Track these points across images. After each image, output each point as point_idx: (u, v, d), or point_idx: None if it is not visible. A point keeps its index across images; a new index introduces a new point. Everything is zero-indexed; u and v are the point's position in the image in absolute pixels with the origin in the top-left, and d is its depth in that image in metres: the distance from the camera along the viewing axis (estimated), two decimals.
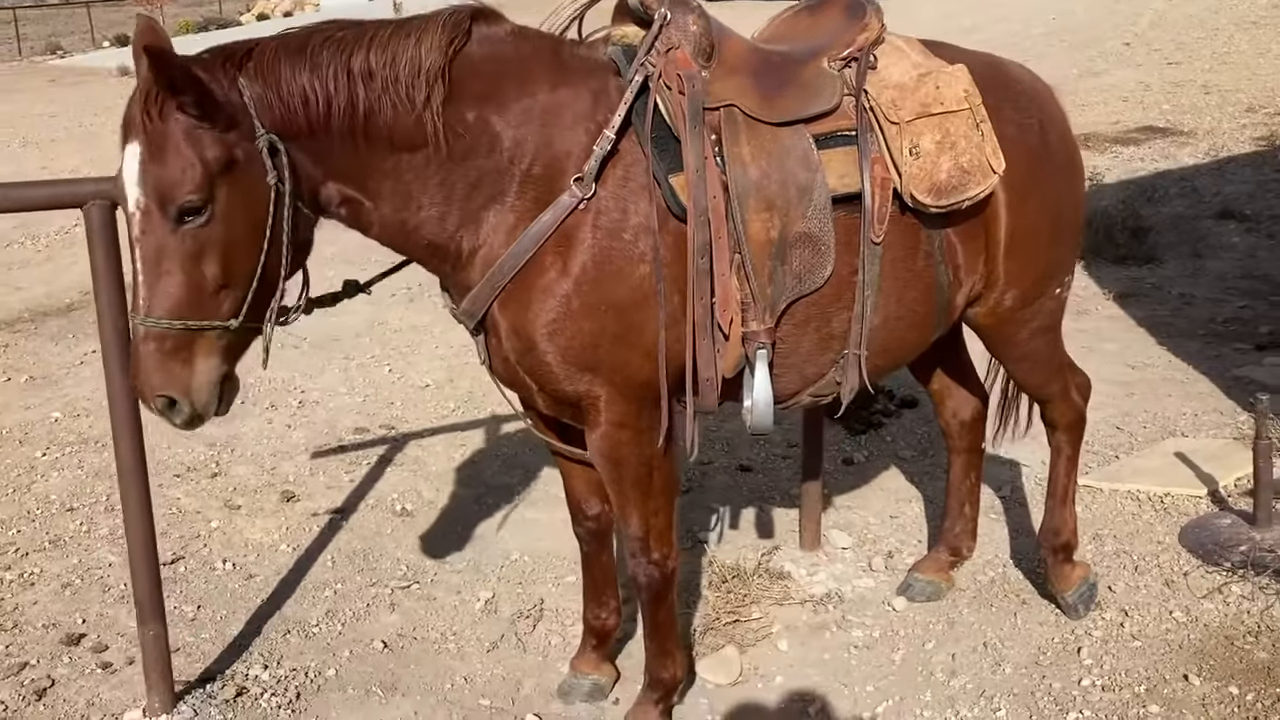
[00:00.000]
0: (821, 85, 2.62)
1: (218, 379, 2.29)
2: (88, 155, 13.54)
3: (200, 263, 2.20)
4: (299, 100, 2.26)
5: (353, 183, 2.37)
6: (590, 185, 2.41)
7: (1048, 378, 3.24)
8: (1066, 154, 3.05)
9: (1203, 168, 9.08)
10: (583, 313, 2.45)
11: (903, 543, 3.89)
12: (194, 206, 2.17)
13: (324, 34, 2.33)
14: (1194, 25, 16.95)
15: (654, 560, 2.75)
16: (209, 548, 3.98)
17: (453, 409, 5.19)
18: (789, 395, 2.76)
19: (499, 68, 2.42)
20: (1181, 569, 3.58)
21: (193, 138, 2.17)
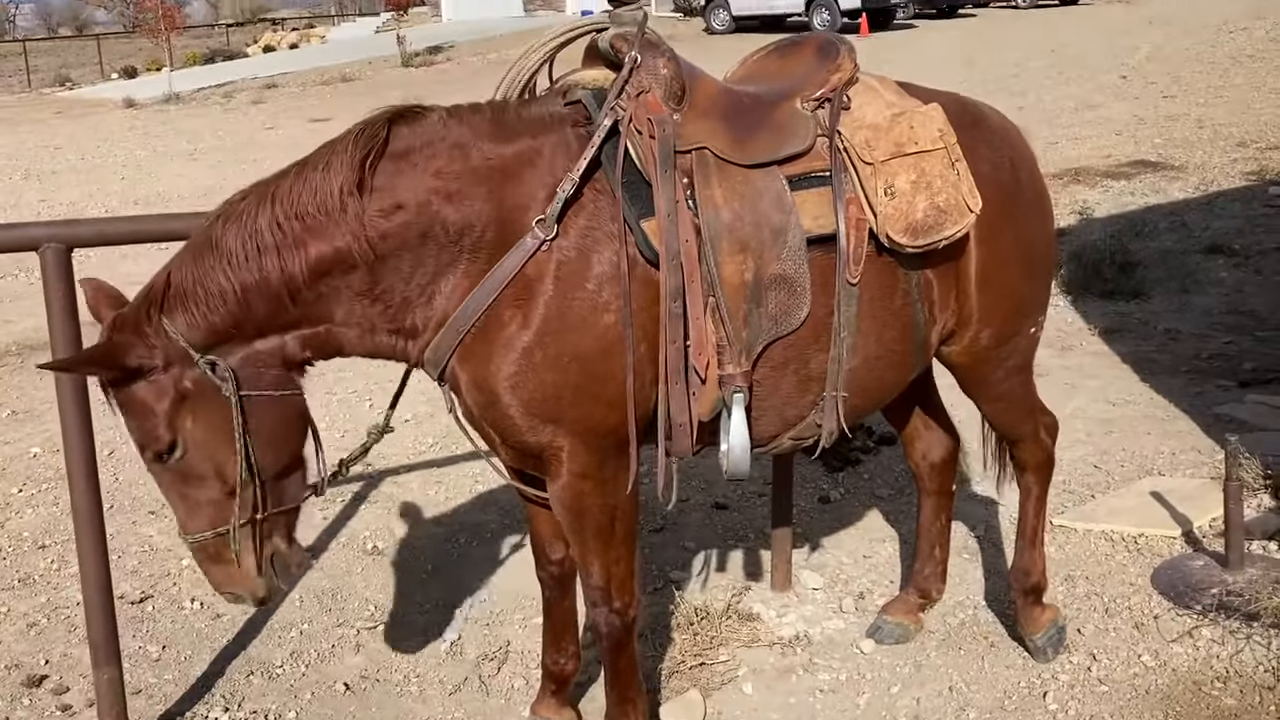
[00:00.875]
0: (794, 126, 2.61)
1: (264, 564, 2.50)
2: (88, 189, 13.66)
3: (199, 484, 2.41)
4: (225, 303, 2.36)
5: (308, 323, 2.43)
6: (552, 227, 2.38)
7: (1020, 418, 3.23)
8: (1036, 192, 3.05)
9: (1192, 202, 9.09)
10: (545, 364, 2.42)
11: (875, 583, 3.86)
12: (165, 448, 2.37)
13: (225, 216, 2.39)
14: (1191, 59, 17.08)
15: (615, 609, 2.72)
16: (178, 586, 3.96)
17: (430, 444, 5.18)
18: (769, 439, 2.74)
19: (428, 156, 2.41)
20: (1152, 612, 3.54)
21: (141, 394, 2.35)
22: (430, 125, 2.45)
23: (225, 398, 2.36)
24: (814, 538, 4.19)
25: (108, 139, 19.41)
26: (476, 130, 2.46)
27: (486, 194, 2.41)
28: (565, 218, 2.40)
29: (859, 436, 4.97)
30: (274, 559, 2.51)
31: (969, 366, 3.04)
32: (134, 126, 21.48)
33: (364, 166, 2.35)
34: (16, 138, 20.33)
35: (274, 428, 2.44)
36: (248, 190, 2.43)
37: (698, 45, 25.86)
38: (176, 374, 2.35)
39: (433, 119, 2.46)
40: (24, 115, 25.62)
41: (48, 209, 12.36)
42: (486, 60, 28.24)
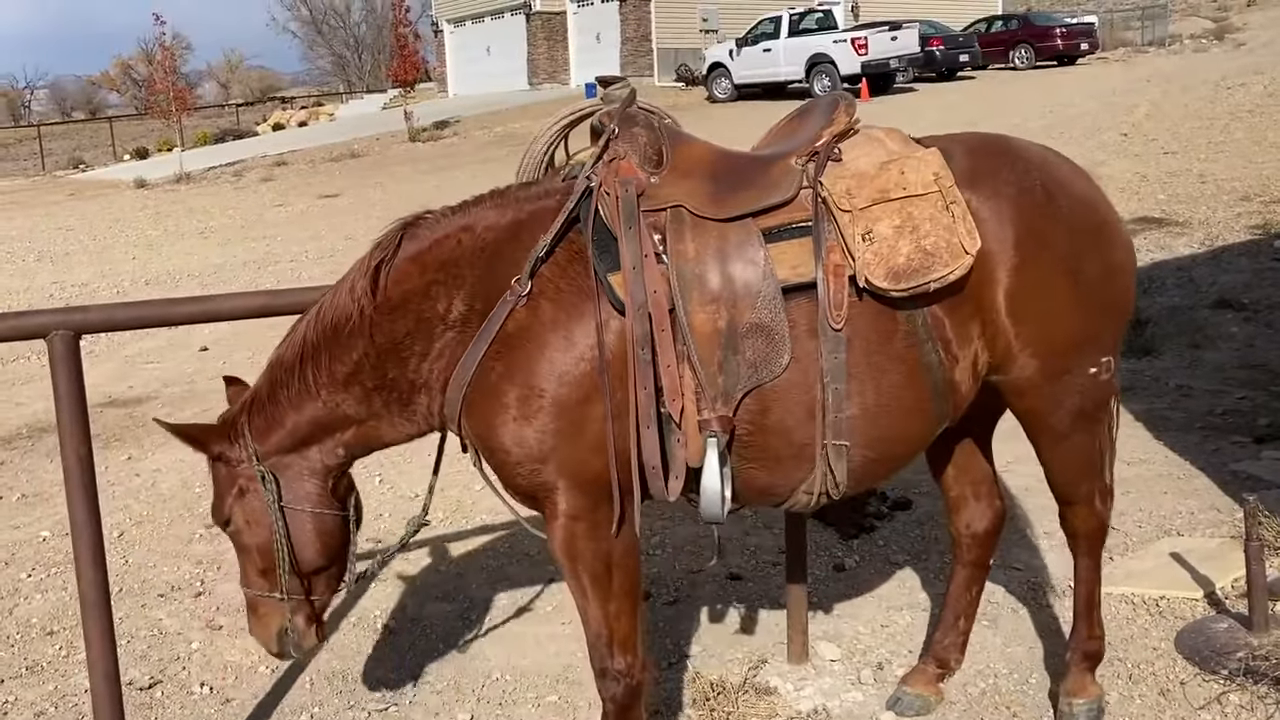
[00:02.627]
0: (779, 181, 2.68)
1: (280, 632, 2.93)
2: (100, 269, 13.80)
3: (246, 555, 2.91)
4: (280, 414, 2.80)
5: (339, 428, 2.81)
6: (526, 283, 2.58)
7: (1079, 476, 3.10)
8: (1088, 221, 2.88)
9: (1199, 257, 9.10)
10: (531, 411, 2.59)
11: (893, 653, 3.80)
12: (222, 523, 2.92)
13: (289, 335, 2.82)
14: (1190, 115, 17.22)
15: (618, 670, 2.72)
16: (188, 670, 3.91)
17: (441, 519, 5.14)
18: (778, 489, 2.75)
19: (431, 250, 2.69)
20: (1178, 677, 3.47)
21: (218, 475, 2.90)
22: (436, 223, 2.75)
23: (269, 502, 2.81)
24: (830, 607, 4.13)
25: (119, 219, 19.66)
26: (476, 216, 2.72)
27: (481, 272, 2.64)
28: (542, 276, 2.61)
29: (872, 502, 4.93)
30: (288, 632, 2.93)
31: (1021, 405, 2.96)
32: (145, 206, 21.77)
33: (377, 272, 2.68)
34: (30, 220, 20.61)
35: (306, 536, 2.85)
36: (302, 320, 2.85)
37: (700, 114, 26.21)
38: (243, 470, 2.84)
39: (437, 216, 2.76)
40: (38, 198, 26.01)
41: (60, 290, 12.49)
42: (492, 133, 28.64)
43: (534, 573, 4.50)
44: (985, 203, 2.74)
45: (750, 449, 2.65)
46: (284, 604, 2.88)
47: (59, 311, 2.78)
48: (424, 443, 6.20)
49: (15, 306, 11.55)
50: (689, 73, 33.20)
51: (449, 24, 43.18)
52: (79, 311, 2.92)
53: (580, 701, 3.56)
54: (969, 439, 3.33)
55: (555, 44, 38.80)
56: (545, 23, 38.65)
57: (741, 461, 2.67)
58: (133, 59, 66.53)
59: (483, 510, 5.18)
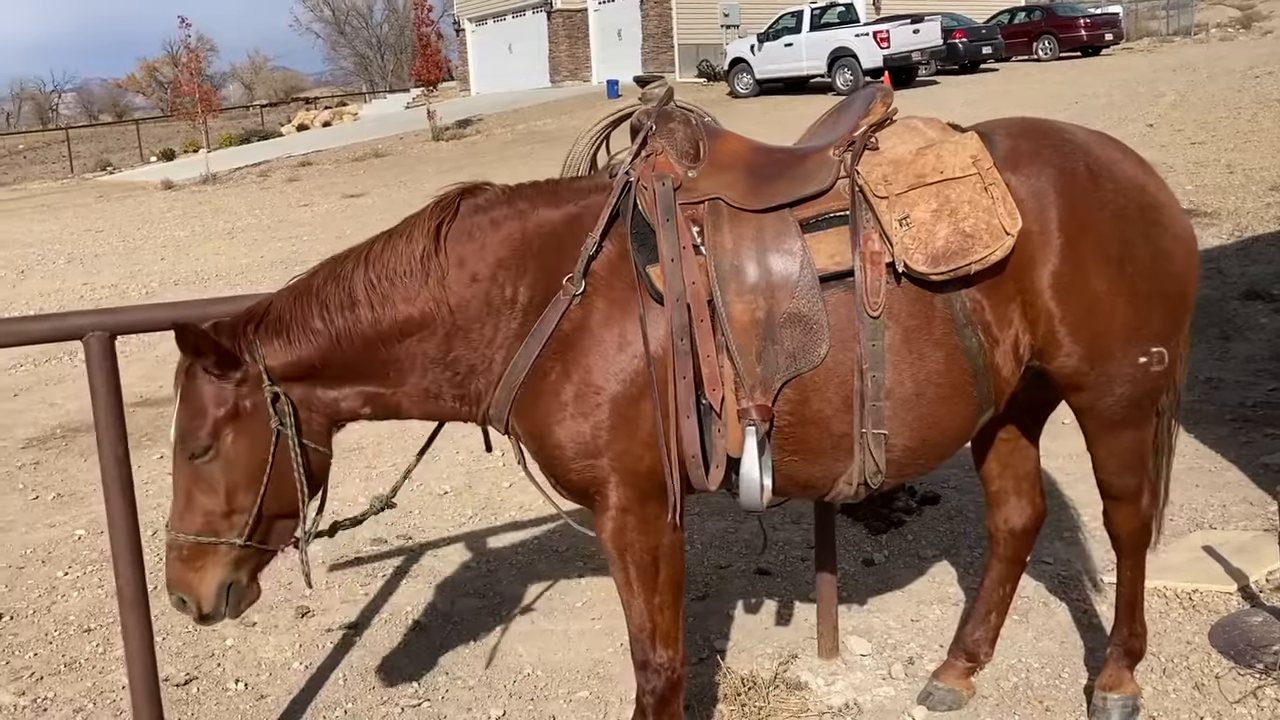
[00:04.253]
0: (816, 172, 2.71)
1: (223, 586, 2.66)
2: (129, 270, 13.92)
3: (209, 490, 2.62)
4: (314, 342, 2.64)
5: (374, 380, 2.69)
6: (579, 282, 2.59)
7: (1125, 468, 3.05)
8: (1134, 202, 2.82)
9: (1228, 248, 9.02)
10: (585, 404, 2.60)
11: (924, 648, 3.79)
12: (202, 448, 2.60)
13: (325, 272, 2.71)
14: (1217, 105, 17.04)
15: (660, 663, 2.74)
16: (222, 667, 3.96)
17: (470, 516, 5.17)
18: (821, 483, 2.76)
19: (494, 229, 2.67)
20: (1213, 671, 3.45)
21: (209, 391, 2.60)
22: (494, 199, 2.73)
23: (270, 430, 2.60)
24: (860, 602, 4.12)
25: (147, 221, 19.83)
26: (533, 201, 2.72)
27: (540, 262, 2.64)
28: (593, 273, 2.62)
29: (901, 496, 4.92)
30: (231, 588, 2.69)
31: (1068, 393, 2.93)
32: (173, 208, 21.95)
33: (438, 235, 2.64)
34: (60, 222, 20.82)
35: (293, 475, 2.64)
36: (342, 254, 2.73)
37: (722, 109, 26.15)
38: (242, 391, 2.60)
39: (496, 193, 2.75)
40: (67, 200, 26.27)
41: (90, 291, 12.61)
42: (515, 132, 28.70)
43: (564, 569, 4.52)
44: (1025, 184, 2.72)
45: (790, 440, 2.67)
46: (235, 553, 2.63)
47: (95, 313, 2.82)
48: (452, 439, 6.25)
49: (47, 308, 11.68)
50: (710, 68, 33.14)
51: (471, 23, 43.30)
52: (115, 312, 2.97)
53: (611, 697, 3.58)
54: (1015, 433, 3.31)
55: (577, 41, 38.82)
56: (566, 20, 38.68)
57: (782, 453, 2.68)
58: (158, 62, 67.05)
59: (512, 507, 5.20)
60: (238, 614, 2.74)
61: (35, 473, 6.29)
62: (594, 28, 38.57)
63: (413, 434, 6.38)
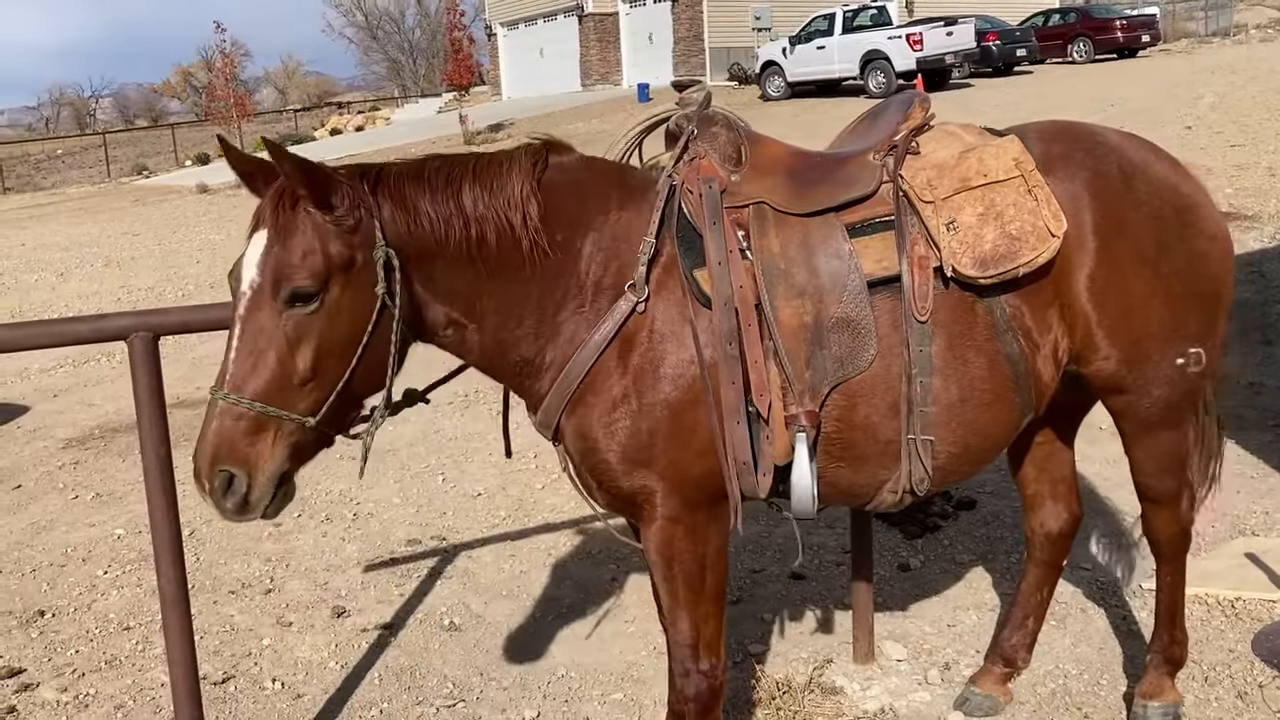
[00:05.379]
0: (859, 176, 2.69)
1: (280, 471, 2.35)
2: (165, 273, 14.09)
3: (295, 351, 2.31)
4: (421, 222, 2.43)
5: (460, 306, 2.52)
6: (643, 289, 2.53)
7: (1164, 471, 3.02)
8: (1169, 204, 2.81)
9: (1269, 252, 8.89)
10: (639, 412, 2.53)
11: (960, 653, 3.76)
12: (306, 293, 2.30)
13: (435, 164, 2.52)
14: (1258, 106, 16.81)
15: (703, 670, 2.72)
16: (259, 666, 3.99)
17: (504, 517, 5.19)
18: (863, 488, 2.73)
19: (577, 191, 2.59)
20: (1255, 680, 3.40)
21: (319, 229, 2.33)
22: (579, 164, 2.64)
23: (374, 298, 2.35)
24: (895, 607, 4.10)
25: (183, 224, 20.06)
26: (610, 184, 2.64)
27: (611, 245, 2.57)
28: (653, 275, 2.56)
29: (937, 502, 4.89)
30: (284, 479, 2.37)
31: (1106, 396, 2.92)
32: (208, 211, 22.18)
33: (535, 176, 2.51)
34: (97, 226, 21.10)
35: (384, 353, 2.39)
36: (448, 156, 2.56)
37: (754, 112, 26.10)
38: (355, 241, 2.34)
39: (575, 160, 2.65)
40: (104, 204, 26.60)
41: (127, 294, 12.77)
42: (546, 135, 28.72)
43: (597, 571, 4.53)
44: (1059, 186, 2.70)
45: (836, 446, 2.64)
46: (300, 435, 2.34)
47: (138, 314, 2.84)
48: (485, 440, 6.26)
49: (86, 310, 11.82)
50: (742, 71, 33.08)
51: (502, 27, 43.45)
52: (158, 314, 2.99)
53: (646, 700, 3.58)
54: (1051, 436, 3.29)
55: (608, 45, 38.87)
56: (598, 24, 38.74)
57: (828, 460, 2.65)
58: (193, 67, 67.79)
59: (545, 509, 5.21)
60: (277, 513, 2.40)
61: (75, 472, 6.37)
62: (625, 31, 38.60)
63: (445, 435, 6.41)
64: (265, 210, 2.36)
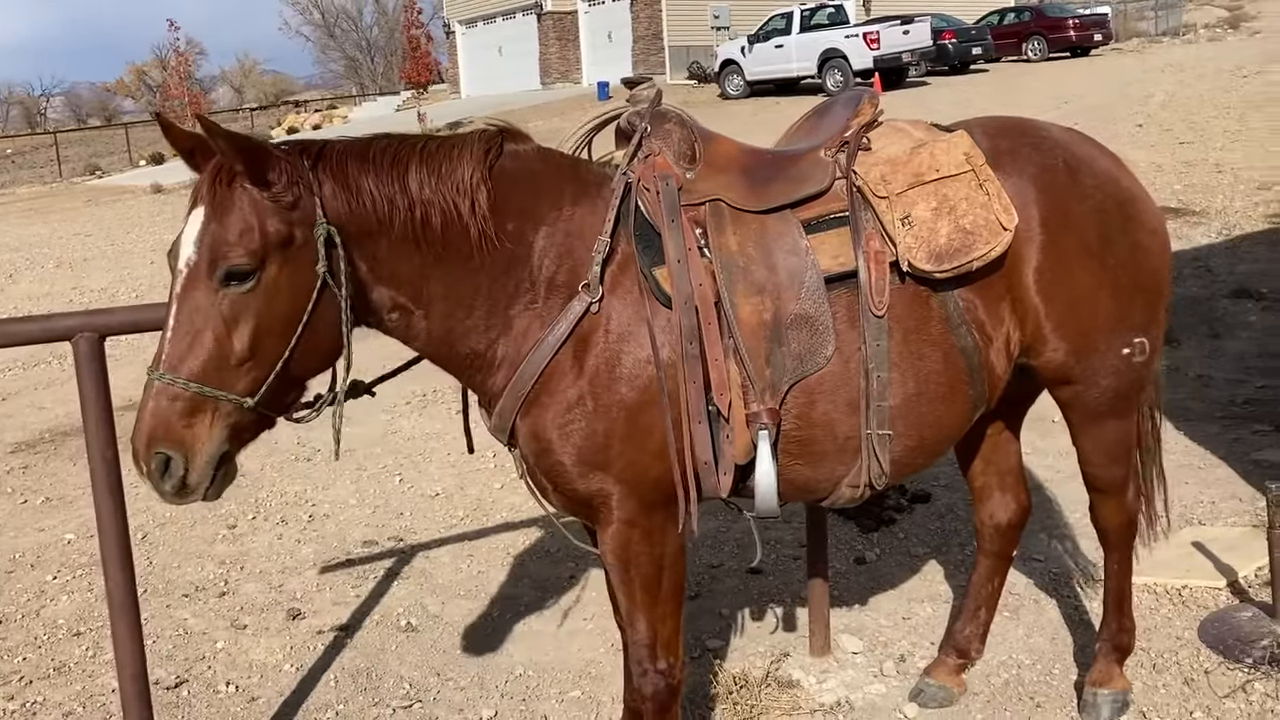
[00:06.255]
0: (812, 173, 2.69)
1: (218, 453, 2.29)
2: (118, 274, 13.90)
3: (232, 331, 2.26)
4: (363, 201, 2.37)
5: (406, 291, 2.46)
6: (597, 289, 2.50)
7: (1112, 461, 3.08)
8: (1112, 198, 2.86)
9: (1216, 247, 9.05)
10: (595, 414, 2.50)
11: (915, 645, 3.80)
12: (242, 271, 2.25)
13: (382, 144, 2.47)
14: (1205, 104, 17.11)
15: (660, 670, 2.71)
16: (213, 670, 3.94)
17: (462, 517, 5.17)
18: (822, 483, 2.73)
19: (531, 183, 2.55)
20: (1202, 666, 3.46)
21: (256, 206, 2.28)
22: (530, 158, 2.58)
23: (315, 276, 2.30)
24: (851, 600, 4.13)
25: (137, 224, 19.79)
26: (565, 177, 2.60)
27: (565, 241, 2.53)
28: (608, 274, 2.52)
29: (892, 495, 4.93)
30: (224, 460, 2.31)
31: (1054, 387, 2.96)
32: (162, 211, 21.88)
33: (486, 163, 2.46)
34: (48, 226, 20.76)
35: (326, 334, 2.35)
36: (397, 136, 2.50)
37: (713, 111, 26.17)
38: (294, 217, 2.29)
39: (531, 150, 2.60)
40: (56, 205, 26.18)
41: (79, 295, 12.58)
42: None
43: (555, 569, 4.52)
44: (1008, 181, 2.73)
45: (796, 444, 2.63)
46: (239, 416, 2.28)
47: (84, 314, 2.79)
48: (443, 440, 6.24)
49: (36, 312, 11.63)
50: (701, 70, 33.17)
51: (460, 25, 43.26)
52: (104, 314, 2.95)
53: (603, 697, 3.58)
54: (998, 428, 3.33)
55: (567, 43, 38.82)
56: (557, 22, 38.68)
57: (788, 457, 2.64)
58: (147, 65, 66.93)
59: (503, 508, 5.20)
60: (218, 495, 2.34)
61: (24, 477, 6.27)
62: (584, 30, 38.57)
63: (403, 435, 6.38)
64: (202, 187, 2.31)
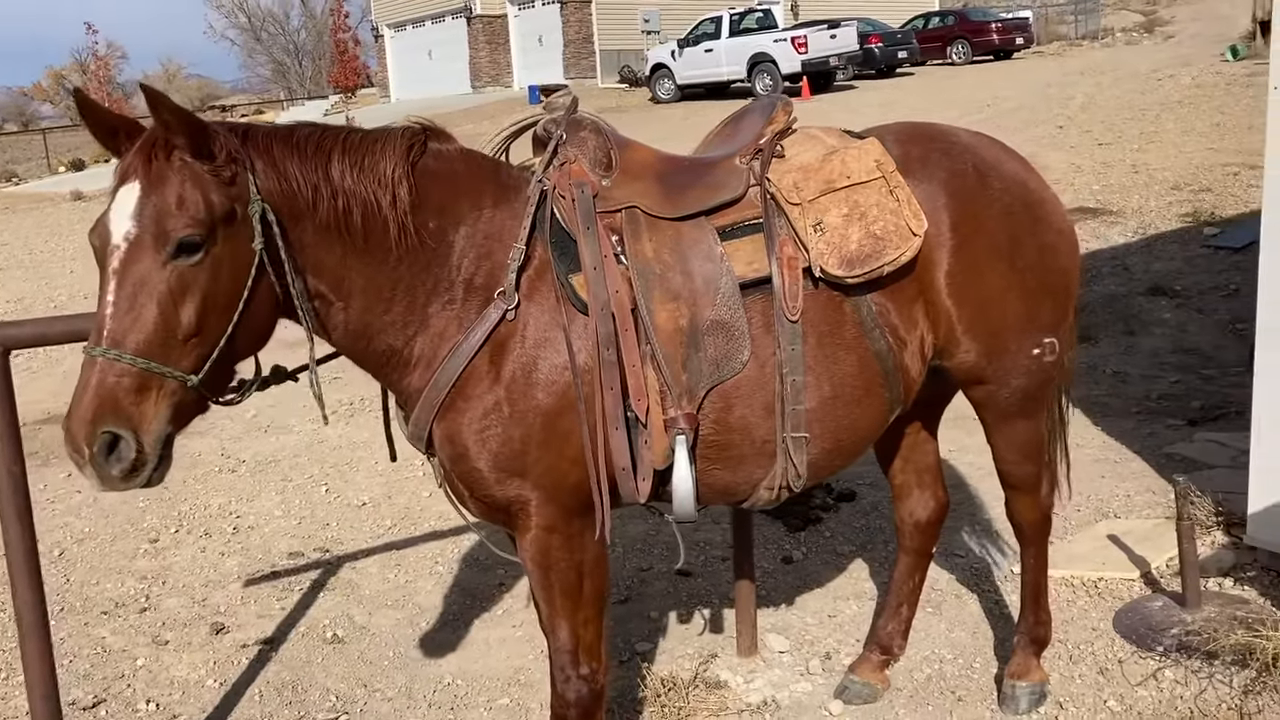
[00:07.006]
0: (727, 180, 2.72)
1: (165, 433, 2.22)
2: (35, 284, 13.52)
3: (179, 305, 2.20)
4: (290, 184, 2.35)
5: (327, 280, 2.44)
6: (513, 296, 2.50)
7: (1025, 458, 3.15)
8: (1020, 200, 2.92)
9: (1132, 246, 9.28)
10: (511, 420, 2.50)
11: (841, 642, 3.85)
12: (192, 243, 2.20)
13: (305, 130, 2.46)
14: (1123, 106, 17.52)
15: (583, 675, 2.71)
16: (133, 688, 3.86)
17: (389, 526, 5.12)
18: (740, 486, 2.75)
19: (453, 182, 2.55)
20: (1116, 656, 3.56)
21: (198, 179, 2.23)
22: (453, 157, 2.59)
23: (251, 253, 2.27)
24: (779, 599, 4.17)
25: (56, 232, 19.27)
26: (486, 178, 2.61)
27: (484, 243, 2.54)
28: (524, 281, 2.53)
29: (818, 494, 4.99)
30: (168, 442, 2.24)
31: (968, 388, 3.02)
32: (83, 218, 21.30)
33: (409, 160, 2.46)
34: None
35: (262, 313, 2.34)
36: (320, 125, 2.50)
37: (645, 115, 26.24)
38: (234, 193, 2.26)
39: (454, 150, 2.60)
40: None
41: None
42: None
43: (484, 577, 4.50)
44: (919, 187, 2.78)
45: (713, 448, 2.65)
46: (181, 395, 2.22)
47: None
48: (370, 449, 6.16)
49: None
50: (632, 74, 33.22)
51: (389, 29, 42.84)
52: (10, 326, 2.87)
53: (532, 704, 3.57)
54: (915, 428, 3.39)
55: (497, 47, 38.64)
56: (486, 26, 38.48)
57: (706, 462, 2.66)
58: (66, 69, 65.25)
59: (432, 517, 5.16)
60: (161, 479, 2.25)
61: None
62: (514, 33, 38.43)
63: (329, 444, 6.30)
64: (135, 162, 2.24)
